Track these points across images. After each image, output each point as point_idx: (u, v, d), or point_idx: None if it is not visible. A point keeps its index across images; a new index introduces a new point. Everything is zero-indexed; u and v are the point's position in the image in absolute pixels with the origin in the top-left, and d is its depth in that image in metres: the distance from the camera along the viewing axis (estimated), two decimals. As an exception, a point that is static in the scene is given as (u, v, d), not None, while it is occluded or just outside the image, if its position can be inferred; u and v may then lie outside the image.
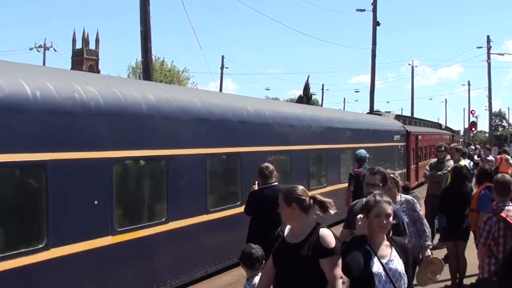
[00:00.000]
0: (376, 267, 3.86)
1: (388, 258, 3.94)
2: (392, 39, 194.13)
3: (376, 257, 3.88)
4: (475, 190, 8.72)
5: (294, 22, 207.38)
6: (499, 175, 6.54)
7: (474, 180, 10.83)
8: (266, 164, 7.52)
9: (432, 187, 11.61)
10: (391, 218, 3.98)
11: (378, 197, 4.04)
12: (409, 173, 23.03)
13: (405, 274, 3.94)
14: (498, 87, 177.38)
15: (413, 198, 6.46)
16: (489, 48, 45.53)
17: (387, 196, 4.18)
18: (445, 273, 8.60)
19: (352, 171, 10.42)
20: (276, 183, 7.32)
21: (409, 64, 59.84)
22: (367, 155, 11.39)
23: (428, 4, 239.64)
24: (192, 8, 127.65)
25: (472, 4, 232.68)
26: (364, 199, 4.41)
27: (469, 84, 75.30)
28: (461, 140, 50.21)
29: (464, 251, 8.70)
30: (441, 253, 10.20)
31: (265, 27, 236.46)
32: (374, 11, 32.17)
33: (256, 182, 7.49)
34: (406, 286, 3.96)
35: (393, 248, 4.01)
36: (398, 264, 3.93)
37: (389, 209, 3.97)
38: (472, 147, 30.31)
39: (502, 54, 51.66)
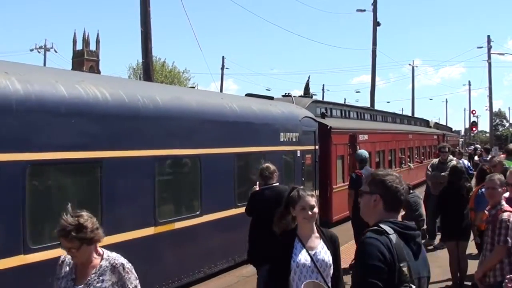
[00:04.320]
0: (304, 258, 4.06)
1: (316, 249, 4.13)
2: (395, 39, 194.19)
3: (304, 249, 4.09)
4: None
5: (294, 24, 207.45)
6: (490, 175, 6.53)
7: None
8: (267, 164, 7.45)
9: (434, 187, 11.52)
10: (315, 209, 4.18)
11: (301, 192, 4.24)
12: (330, 198, 14.18)
13: (331, 264, 4.14)
14: (500, 87, 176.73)
15: (123, 264, 3.71)
16: (489, 48, 45.00)
17: (309, 189, 4.37)
18: (446, 273, 8.77)
19: (353, 172, 10.35)
20: (277, 184, 7.28)
21: (410, 64, 59.52)
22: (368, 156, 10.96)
23: (429, 5, 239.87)
24: (193, 9, 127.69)
25: (475, 3, 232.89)
26: None
27: (469, 84, 75.18)
28: (461, 140, 50.05)
29: (465, 251, 8.73)
30: (442, 253, 10.20)
31: (265, 28, 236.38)
32: (375, 11, 32.25)
33: (258, 183, 7.43)
34: (331, 275, 4.19)
35: (321, 239, 4.21)
36: (325, 255, 4.12)
37: (313, 201, 4.19)
38: (472, 147, 30.13)
39: (503, 54, 51.40)
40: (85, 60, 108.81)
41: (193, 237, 8.64)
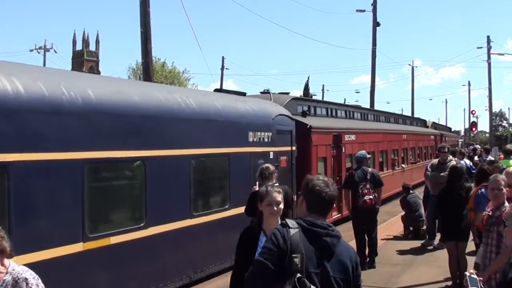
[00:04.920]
0: None
1: None
2: (395, 39, 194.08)
3: None
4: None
5: (294, 24, 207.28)
6: (493, 175, 6.65)
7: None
8: (267, 165, 7.48)
9: (434, 188, 11.36)
10: (281, 205, 4.44)
11: (269, 188, 4.52)
12: None
13: None
14: (500, 87, 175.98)
15: (26, 278, 3.59)
16: (489, 49, 45.68)
17: (277, 186, 4.68)
18: (446, 273, 8.90)
19: (350, 171, 10.67)
20: (277, 184, 7.01)
21: (409, 65, 59.51)
22: (368, 155, 11.10)
23: (429, 5, 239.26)
24: (192, 9, 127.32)
25: (475, 3, 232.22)
26: None
27: (469, 84, 76.34)
28: (460, 140, 49.51)
29: (465, 251, 8.75)
30: (442, 253, 10.25)
31: (265, 28, 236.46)
32: (374, 11, 32.43)
33: (257, 183, 7.40)
34: None
35: None
36: None
37: (279, 197, 4.43)
38: (471, 147, 29.20)
39: (502, 54, 51.57)
40: (84, 60, 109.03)
41: (136, 253, 7.44)
